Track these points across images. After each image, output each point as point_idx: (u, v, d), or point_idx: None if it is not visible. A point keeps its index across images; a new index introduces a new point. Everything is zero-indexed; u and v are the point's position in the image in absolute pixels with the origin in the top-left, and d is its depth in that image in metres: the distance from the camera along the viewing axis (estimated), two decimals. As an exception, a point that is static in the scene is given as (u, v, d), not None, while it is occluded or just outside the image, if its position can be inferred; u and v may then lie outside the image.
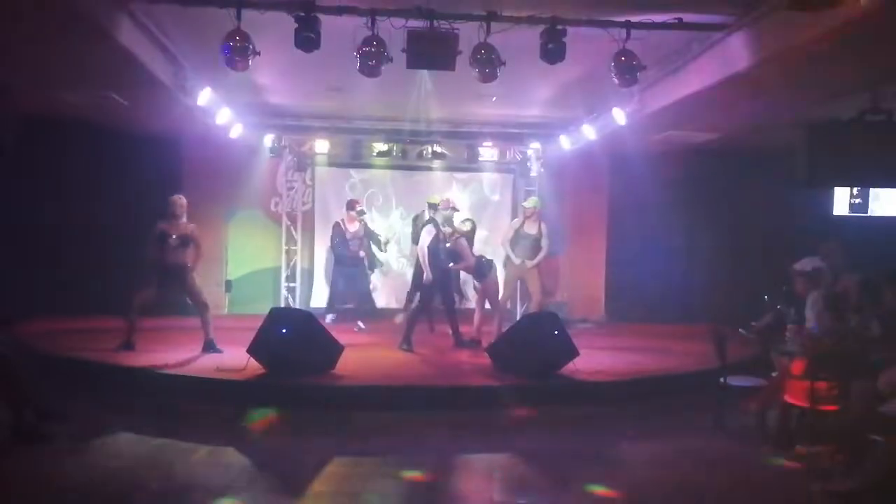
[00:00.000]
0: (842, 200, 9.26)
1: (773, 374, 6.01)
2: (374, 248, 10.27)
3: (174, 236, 7.48)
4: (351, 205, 10.04)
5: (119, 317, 7.67)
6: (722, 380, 5.98)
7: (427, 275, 8.26)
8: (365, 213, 10.31)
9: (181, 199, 7.65)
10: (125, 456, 5.27)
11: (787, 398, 5.46)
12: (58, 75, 7.00)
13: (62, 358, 7.24)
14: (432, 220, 8.55)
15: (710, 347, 6.14)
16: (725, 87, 6.41)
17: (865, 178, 6.64)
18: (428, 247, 8.30)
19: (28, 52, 6.06)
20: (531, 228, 9.31)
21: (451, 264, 8.44)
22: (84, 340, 7.90)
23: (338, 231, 9.96)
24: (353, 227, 9.90)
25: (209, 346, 7.68)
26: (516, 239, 9.31)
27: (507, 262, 9.36)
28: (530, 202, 9.57)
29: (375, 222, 10.97)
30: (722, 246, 10.59)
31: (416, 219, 10.28)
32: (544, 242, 9.32)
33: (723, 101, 7.09)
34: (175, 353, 7.50)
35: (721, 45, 6.09)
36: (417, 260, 8.50)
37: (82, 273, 9.68)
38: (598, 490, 4.71)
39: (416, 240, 10.18)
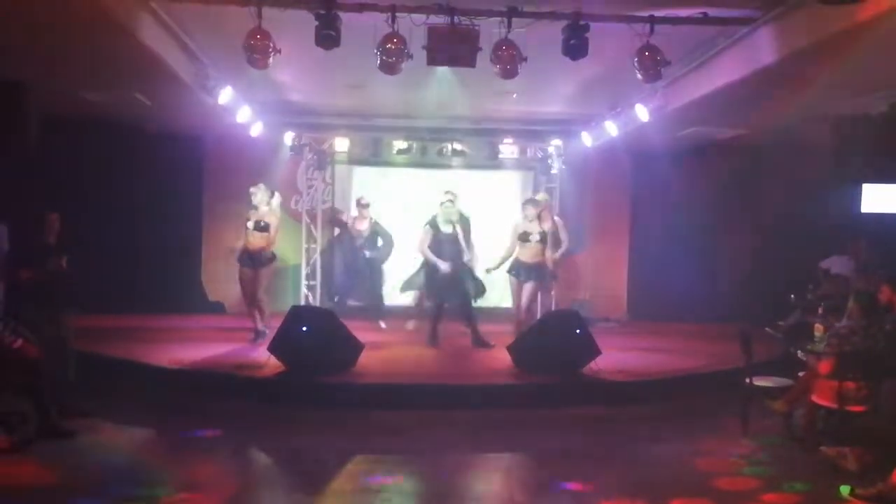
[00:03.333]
0: (870, 197, 9.04)
1: (801, 374, 5.91)
2: (381, 241, 10.09)
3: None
4: (358, 201, 10.04)
5: (139, 314, 7.74)
6: (748, 380, 5.89)
7: (444, 266, 8.19)
8: (369, 205, 10.10)
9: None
10: (146, 451, 5.32)
11: (815, 398, 5.36)
12: (81, 75, 7.05)
13: (87, 354, 7.30)
14: (432, 219, 8.47)
15: (735, 347, 6.05)
16: (751, 82, 6.30)
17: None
18: (428, 247, 8.30)
19: (50, 52, 6.10)
20: (544, 224, 9.25)
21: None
22: (104, 337, 7.94)
23: (345, 231, 9.92)
24: (361, 226, 9.83)
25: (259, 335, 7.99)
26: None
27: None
28: (542, 196, 9.56)
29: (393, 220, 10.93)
30: (747, 244, 10.41)
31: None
32: (564, 235, 9.25)
33: (748, 97, 6.96)
34: (196, 351, 7.55)
35: (747, 40, 5.99)
36: (425, 262, 8.43)
37: (101, 271, 9.72)
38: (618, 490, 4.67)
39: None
